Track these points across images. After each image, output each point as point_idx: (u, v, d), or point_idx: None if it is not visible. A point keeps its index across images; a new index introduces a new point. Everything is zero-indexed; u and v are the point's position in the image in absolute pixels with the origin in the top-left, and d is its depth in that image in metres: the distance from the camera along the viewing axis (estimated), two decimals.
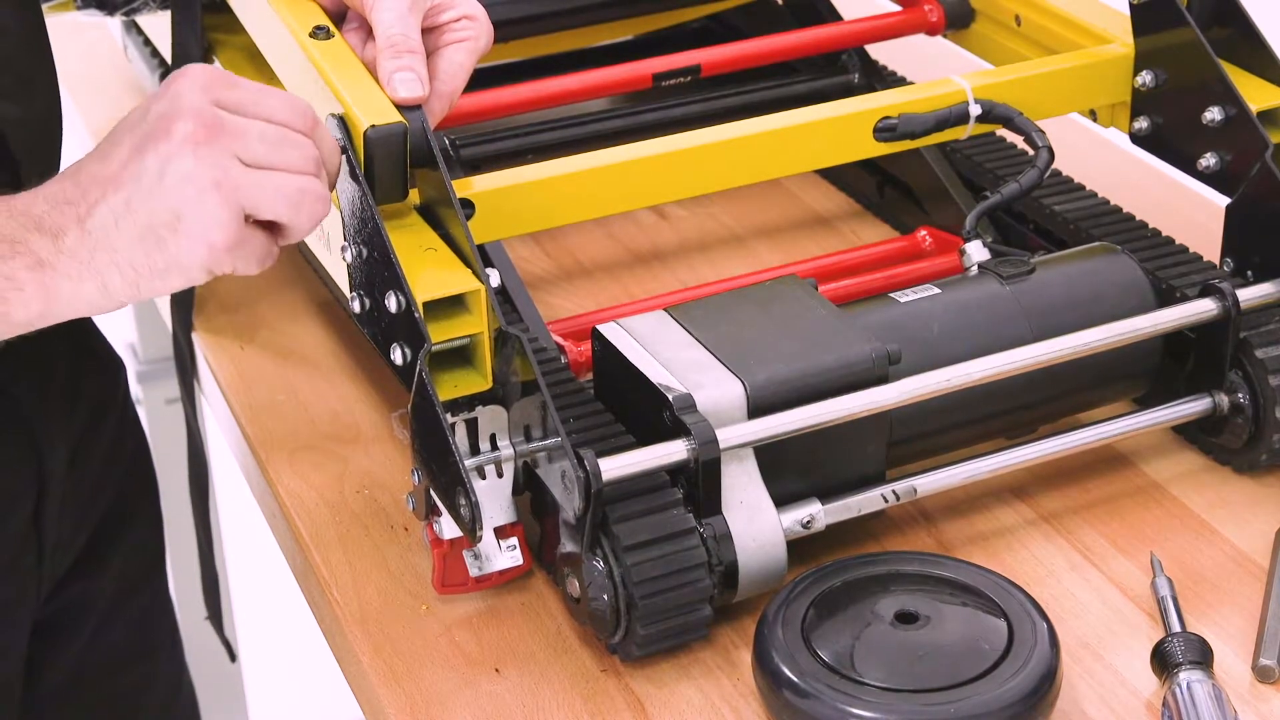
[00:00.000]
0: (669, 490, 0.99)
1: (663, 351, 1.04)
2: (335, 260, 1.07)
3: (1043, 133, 1.19)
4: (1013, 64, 1.26)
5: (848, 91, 1.42)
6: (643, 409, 1.02)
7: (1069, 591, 1.05)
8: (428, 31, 1.05)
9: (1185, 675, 0.95)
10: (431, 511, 1.02)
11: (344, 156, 1.00)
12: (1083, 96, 1.25)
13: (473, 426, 0.99)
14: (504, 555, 1.04)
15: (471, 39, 1.05)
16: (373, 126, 1.00)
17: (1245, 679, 0.98)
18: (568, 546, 0.99)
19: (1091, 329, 1.08)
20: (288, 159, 0.92)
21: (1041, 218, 1.27)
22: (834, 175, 1.48)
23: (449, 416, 0.97)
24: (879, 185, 1.42)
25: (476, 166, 1.30)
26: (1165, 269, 1.17)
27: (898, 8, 1.43)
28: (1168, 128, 1.22)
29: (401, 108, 1.01)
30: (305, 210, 0.93)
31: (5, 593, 1.15)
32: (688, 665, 1.01)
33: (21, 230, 0.90)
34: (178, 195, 0.90)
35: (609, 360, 1.06)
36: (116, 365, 1.29)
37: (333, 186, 0.97)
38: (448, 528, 1.01)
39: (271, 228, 0.93)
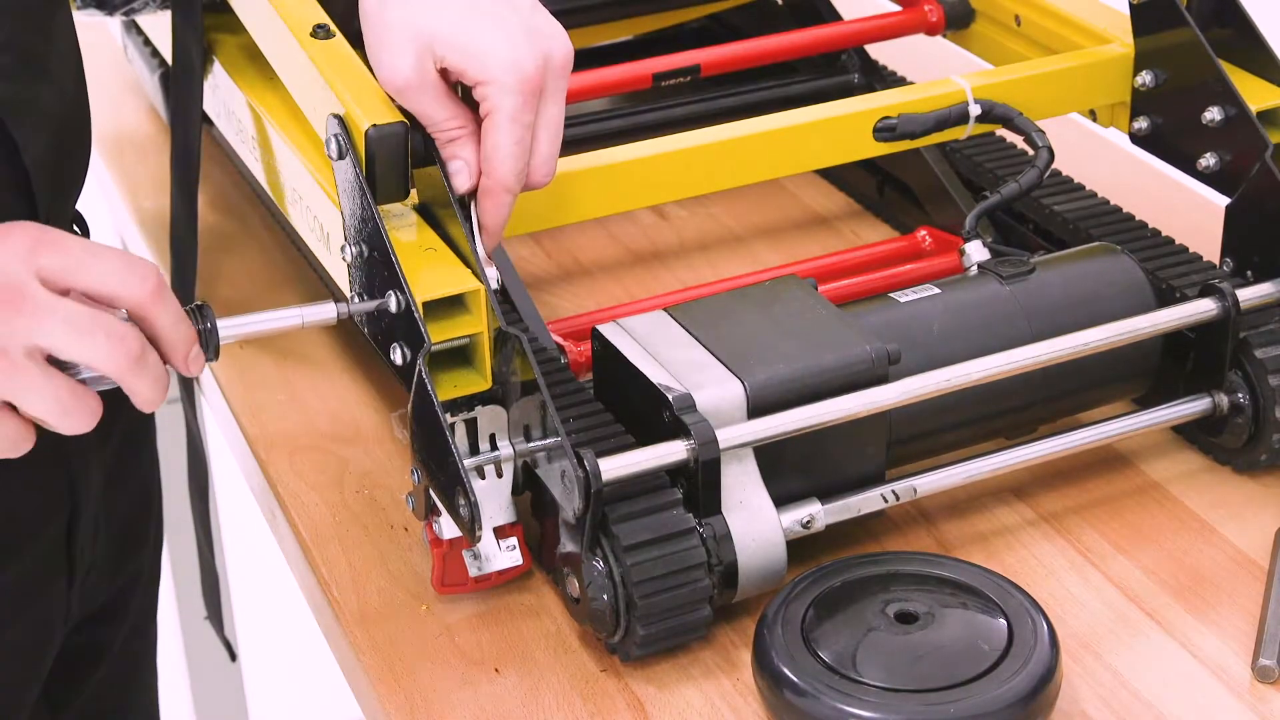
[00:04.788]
0: (669, 490, 0.99)
1: (662, 351, 1.04)
2: (335, 260, 1.07)
3: (1043, 133, 1.19)
4: (1013, 64, 1.26)
5: (847, 91, 1.42)
6: (642, 409, 1.02)
7: (1069, 591, 1.05)
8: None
9: None
10: (431, 511, 1.02)
11: (346, 158, 1.00)
12: (1083, 96, 1.25)
13: (472, 426, 0.99)
14: (503, 555, 1.04)
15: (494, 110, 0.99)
16: (373, 126, 1.00)
17: (1245, 679, 0.98)
18: (568, 546, 0.99)
19: (1091, 329, 1.08)
20: (90, 351, 0.86)
21: (1041, 218, 1.27)
22: (834, 175, 1.47)
23: (448, 416, 0.97)
24: (879, 185, 1.42)
25: None
26: (1165, 269, 1.17)
27: (898, 8, 1.43)
28: (1167, 128, 1.22)
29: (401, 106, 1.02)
30: (73, 420, 0.87)
31: (35, 611, 1.09)
32: (687, 665, 1.01)
33: None
34: None
35: (609, 360, 1.06)
36: None
37: (181, 362, 0.90)
38: (447, 527, 1.01)
39: None
